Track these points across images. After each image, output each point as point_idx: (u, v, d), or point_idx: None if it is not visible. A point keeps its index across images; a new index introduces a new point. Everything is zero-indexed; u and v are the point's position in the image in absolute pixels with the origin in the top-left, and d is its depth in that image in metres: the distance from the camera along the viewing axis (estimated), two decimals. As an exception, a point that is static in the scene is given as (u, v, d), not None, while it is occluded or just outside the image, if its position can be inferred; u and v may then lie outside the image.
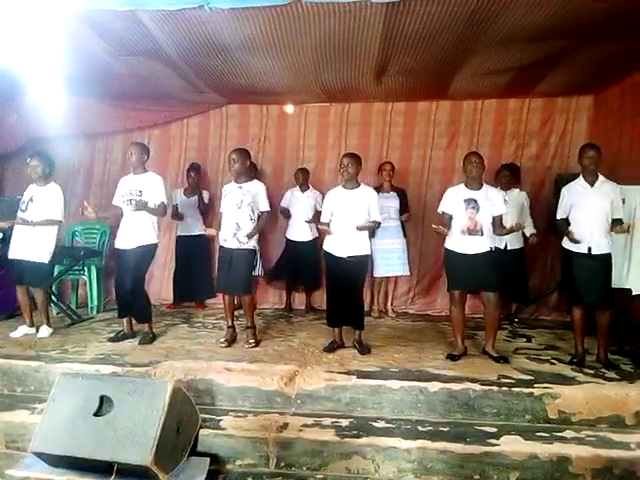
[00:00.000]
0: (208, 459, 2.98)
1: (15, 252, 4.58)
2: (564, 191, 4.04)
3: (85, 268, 5.66)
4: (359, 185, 4.20)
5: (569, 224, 3.98)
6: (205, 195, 5.99)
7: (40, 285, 4.64)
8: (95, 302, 5.72)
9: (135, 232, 4.35)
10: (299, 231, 5.85)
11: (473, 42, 4.03)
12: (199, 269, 5.93)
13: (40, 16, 3.37)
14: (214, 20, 3.62)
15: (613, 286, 3.96)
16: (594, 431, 3.22)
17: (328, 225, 4.20)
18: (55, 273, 5.32)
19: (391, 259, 5.42)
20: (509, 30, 3.75)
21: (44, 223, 4.52)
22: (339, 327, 4.32)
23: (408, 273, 5.71)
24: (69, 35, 3.73)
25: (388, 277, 5.67)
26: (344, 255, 4.13)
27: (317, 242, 5.89)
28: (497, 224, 4.04)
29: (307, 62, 4.57)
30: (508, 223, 4.87)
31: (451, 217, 4.03)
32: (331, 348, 4.22)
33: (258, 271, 5.76)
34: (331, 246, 4.21)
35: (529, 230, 5.20)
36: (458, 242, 4.01)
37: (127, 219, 4.42)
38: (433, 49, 4.19)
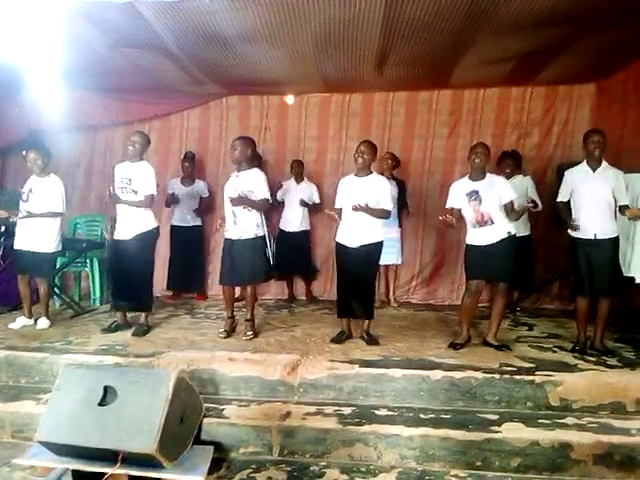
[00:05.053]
0: (212, 447, 3.01)
1: (20, 243, 4.60)
2: (566, 174, 4.02)
3: (87, 260, 5.68)
4: (371, 173, 4.19)
5: (570, 209, 3.97)
6: (201, 185, 5.99)
7: (44, 275, 4.67)
8: (98, 294, 5.73)
9: (132, 221, 4.31)
10: (291, 221, 5.88)
11: (474, 30, 4.00)
12: (193, 260, 5.96)
13: (39, 9, 3.36)
14: (213, 10, 3.60)
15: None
16: (595, 418, 3.23)
17: (338, 212, 4.18)
18: (58, 265, 5.34)
19: (386, 247, 5.38)
20: (511, 17, 3.72)
21: (45, 215, 4.53)
22: (348, 318, 4.31)
23: (400, 262, 5.73)
24: (68, 28, 3.72)
25: (387, 266, 5.64)
26: (355, 245, 4.09)
27: (308, 233, 5.98)
28: (509, 210, 3.99)
29: (307, 52, 4.55)
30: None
31: (460, 211, 4.03)
32: (339, 339, 4.18)
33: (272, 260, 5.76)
34: (342, 237, 4.17)
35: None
36: (473, 235, 4.03)
37: (123, 208, 4.35)
38: (434, 37, 4.16)
